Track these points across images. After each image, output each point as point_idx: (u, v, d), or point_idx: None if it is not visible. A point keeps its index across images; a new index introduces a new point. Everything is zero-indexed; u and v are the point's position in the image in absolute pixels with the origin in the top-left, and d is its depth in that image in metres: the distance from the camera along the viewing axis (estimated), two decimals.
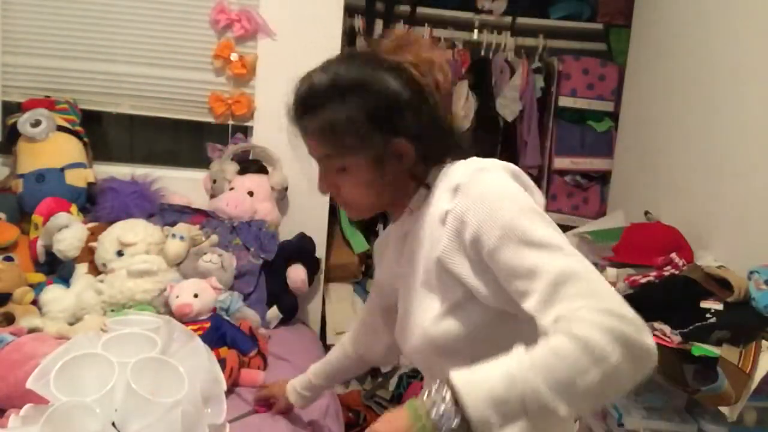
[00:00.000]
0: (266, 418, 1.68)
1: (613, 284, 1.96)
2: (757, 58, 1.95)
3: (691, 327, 1.65)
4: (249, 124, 2.66)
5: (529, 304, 0.81)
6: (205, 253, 2.23)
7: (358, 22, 2.84)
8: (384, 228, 2.94)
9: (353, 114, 0.95)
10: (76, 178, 2.37)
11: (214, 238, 2.34)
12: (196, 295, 2.02)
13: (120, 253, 2.15)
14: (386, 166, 0.98)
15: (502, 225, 0.85)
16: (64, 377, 1.05)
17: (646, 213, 2.40)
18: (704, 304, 1.72)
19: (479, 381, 0.74)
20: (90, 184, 2.40)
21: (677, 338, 1.65)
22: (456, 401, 0.74)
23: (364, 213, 1.08)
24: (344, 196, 1.05)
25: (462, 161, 0.99)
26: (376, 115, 0.95)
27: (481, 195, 0.90)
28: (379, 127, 0.96)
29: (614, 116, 2.94)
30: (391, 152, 0.98)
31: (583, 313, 0.74)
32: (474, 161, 0.97)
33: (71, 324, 1.94)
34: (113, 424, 1.06)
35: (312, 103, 0.98)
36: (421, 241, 0.99)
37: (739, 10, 2.07)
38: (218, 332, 1.93)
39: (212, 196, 2.60)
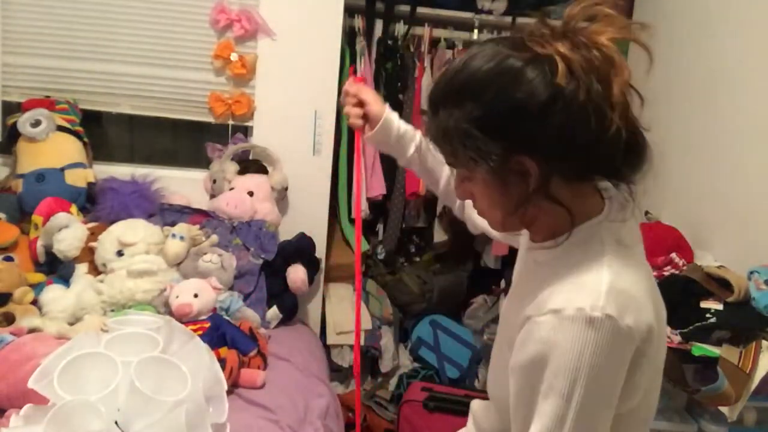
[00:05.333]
0: (266, 419, 1.68)
1: None
2: (757, 58, 1.96)
3: (691, 327, 1.66)
4: (249, 124, 2.66)
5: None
6: (205, 253, 2.23)
7: (358, 22, 2.84)
8: (384, 229, 2.99)
9: (464, 123, 0.81)
10: (76, 178, 2.37)
11: (214, 238, 2.34)
12: (196, 295, 2.02)
13: (120, 253, 2.15)
14: (509, 184, 0.83)
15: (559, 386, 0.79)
16: (67, 376, 1.05)
17: (646, 213, 2.41)
18: (704, 304, 1.73)
19: None
20: (90, 184, 2.40)
21: (677, 338, 1.65)
22: None
23: (499, 228, 0.93)
24: (478, 206, 0.92)
25: (599, 262, 0.81)
26: (489, 126, 0.80)
27: (566, 353, 0.78)
28: (493, 141, 0.80)
29: None
30: (512, 169, 0.82)
31: None
32: (593, 292, 0.79)
33: (71, 324, 1.93)
34: (116, 423, 1.05)
35: (434, 102, 0.87)
36: (532, 295, 0.85)
37: (739, 11, 2.08)
38: (218, 332, 1.93)
39: (212, 196, 2.60)
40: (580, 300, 0.78)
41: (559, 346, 0.78)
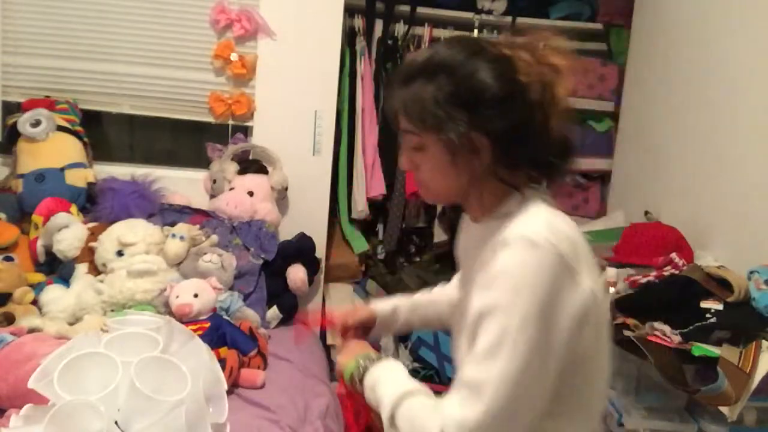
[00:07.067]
0: (266, 419, 1.68)
1: (614, 284, 1.96)
2: (756, 58, 1.96)
3: (691, 327, 1.65)
4: (249, 124, 2.66)
5: (460, 371, 0.90)
6: (205, 253, 2.23)
7: (358, 22, 2.85)
8: (384, 229, 2.99)
9: (436, 94, 0.93)
10: (76, 178, 2.37)
11: (214, 238, 2.34)
12: (196, 295, 2.02)
13: (120, 253, 2.15)
14: (460, 156, 0.95)
15: (503, 313, 0.85)
16: (67, 377, 1.05)
17: (646, 213, 2.41)
18: (704, 304, 1.72)
19: (379, 378, 1.01)
20: (90, 184, 2.40)
21: (677, 338, 1.65)
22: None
23: (438, 198, 1.08)
24: (420, 176, 1.02)
25: (537, 211, 0.93)
26: (457, 102, 0.93)
27: (510, 274, 0.86)
28: (458, 115, 0.92)
29: (614, 116, 2.94)
30: (466, 144, 0.93)
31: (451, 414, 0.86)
32: (534, 226, 0.89)
33: (71, 324, 1.94)
34: (116, 423, 1.05)
35: (405, 76, 0.98)
36: (485, 263, 0.92)
37: (738, 10, 2.08)
38: (218, 332, 1.93)
39: (212, 196, 2.60)
40: (521, 229, 0.89)
41: (504, 269, 0.86)
